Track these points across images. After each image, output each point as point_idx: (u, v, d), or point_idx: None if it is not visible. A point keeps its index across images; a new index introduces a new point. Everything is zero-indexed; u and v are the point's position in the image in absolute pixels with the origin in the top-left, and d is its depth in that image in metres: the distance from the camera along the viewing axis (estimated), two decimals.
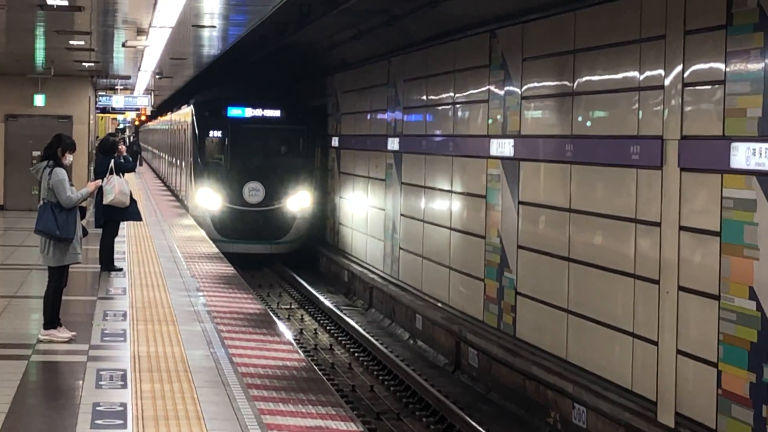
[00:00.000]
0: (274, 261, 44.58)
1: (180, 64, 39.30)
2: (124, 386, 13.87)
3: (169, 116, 67.77)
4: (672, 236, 17.03)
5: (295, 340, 24.72)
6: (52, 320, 16.80)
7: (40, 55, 34.77)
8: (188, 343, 16.75)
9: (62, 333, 16.69)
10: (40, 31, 28.03)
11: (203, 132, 44.16)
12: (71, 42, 29.90)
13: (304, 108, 46.71)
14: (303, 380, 14.61)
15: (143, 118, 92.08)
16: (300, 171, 43.82)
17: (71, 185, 16.62)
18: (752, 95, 15.19)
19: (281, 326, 18.47)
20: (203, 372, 14.85)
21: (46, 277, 16.92)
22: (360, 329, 29.89)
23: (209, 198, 42.36)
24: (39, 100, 41.95)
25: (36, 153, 33.31)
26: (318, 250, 44.75)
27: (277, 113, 44.51)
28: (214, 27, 25.40)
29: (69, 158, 17.01)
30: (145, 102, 62.82)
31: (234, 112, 43.83)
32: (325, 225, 45.17)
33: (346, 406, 13.34)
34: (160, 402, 13.11)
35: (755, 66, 15.13)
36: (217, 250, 31.56)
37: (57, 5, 22.11)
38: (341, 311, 33.51)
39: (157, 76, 46.62)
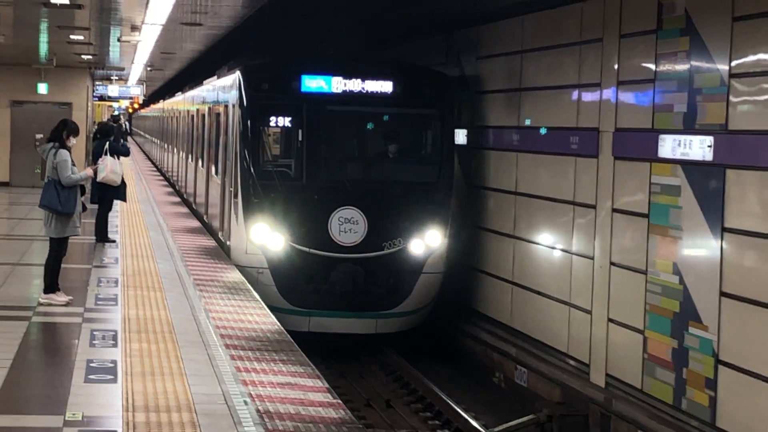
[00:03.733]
0: (378, 343, 22.39)
1: (169, 57, 39.26)
2: (115, 345, 13.87)
3: (184, 96, 43.23)
4: (606, 217, 17.14)
5: None
6: (51, 285, 16.82)
7: (43, 48, 34.68)
8: (173, 307, 16.78)
9: (60, 297, 16.72)
10: (43, 26, 28.01)
11: (259, 118, 22.31)
12: (71, 36, 29.91)
13: (434, 77, 23.21)
14: (276, 342, 14.64)
15: (136, 105, 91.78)
16: (430, 190, 22.02)
17: (73, 166, 16.68)
18: (678, 93, 15.29)
19: None
20: (186, 333, 14.88)
21: (47, 247, 16.94)
22: None
23: (270, 236, 21.33)
24: (42, 88, 41.99)
25: (39, 136, 33.08)
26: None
27: (388, 86, 22.08)
28: (201, 25, 25.42)
29: (72, 141, 17.01)
30: (137, 91, 63.12)
31: (313, 83, 21.95)
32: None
33: (312, 365, 13.37)
34: (147, 360, 13.14)
35: (681, 66, 15.24)
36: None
37: (59, 3, 22.10)
38: None
39: (149, 69, 46.48)
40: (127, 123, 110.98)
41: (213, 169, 28.06)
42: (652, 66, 15.97)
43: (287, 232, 20.98)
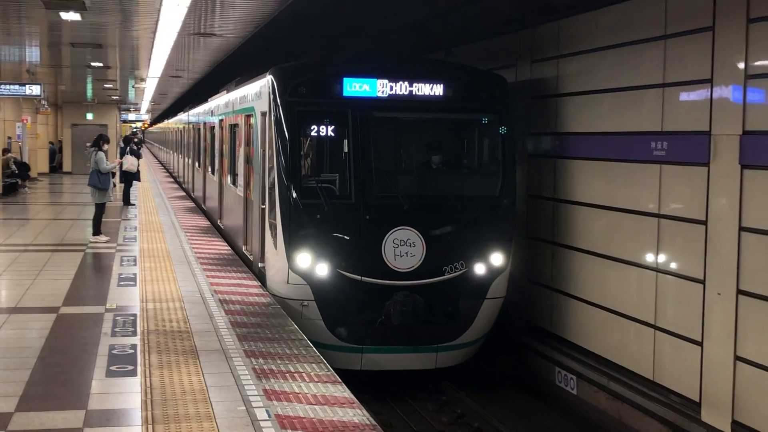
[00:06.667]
0: (435, 377, 11.95)
1: (164, 96, 38.91)
2: (135, 265, 13.83)
3: (187, 114, 30.73)
4: None
5: None
6: (97, 231, 16.76)
7: (89, 92, 34.20)
8: (169, 241, 16.67)
9: (102, 238, 16.64)
10: (89, 80, 27.74)
11: (297, 127, 11.33)
12: (105, 85, 29.62)
13: (491, 79, 12.16)
14: (231, 261, 14.62)
15: (146, 125, 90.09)
16: (493, 204, 11.60)
17: (107, 160, 16.70)
18: None
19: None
20: (176, 256, 14.81)
21: (93, 209, 16.91)
22: None
23: (315, 264, 11.06)
24: (89, 116, 41.85)
25: (88, 144, 32.65)
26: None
27: (442, 89, 11.54)
28: (181, 77, 25.22)
29: (106, 147, 17.10)
30: (146, 117, 62.63)
31: (358, 86, 11.34)
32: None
33: (251, 271, 13.41)
34: (154, 272, 13.10)
35: None
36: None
37: (97, 66, 21.98)
38: None
39: (152, 103, 45.93)
40: (141, 135, 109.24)
41: (229, 178, 17.32)
42: None
43: (335, 259, 11.06)
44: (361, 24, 16.49)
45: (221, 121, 18.82)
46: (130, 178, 24.45)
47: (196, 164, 25.08)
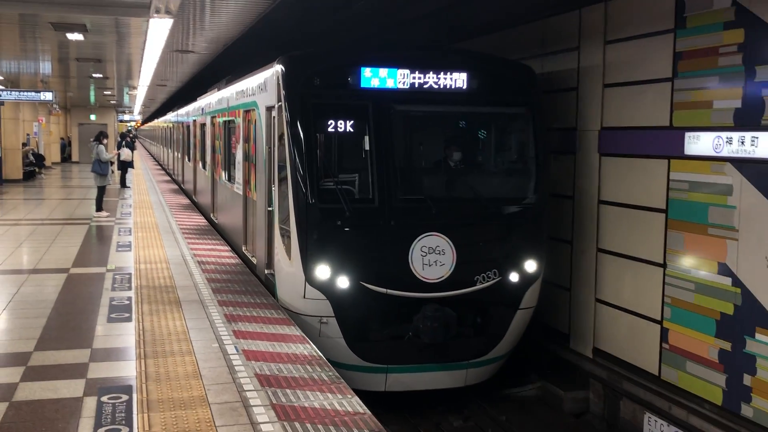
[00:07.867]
0: (463, 394, 8.12)
1: (152, 101, 38.21)
2: (130, 234, 13.59)
3: (176, 113, 25.76)
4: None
5: None
6: (99, 208, 16.46)
7: (92, 98, 33.45)
8: (157, 216, 16.37)
9: (104, 213, 16.37)
10: (92, 87, 27.10)
11: (313, 123, 7.23)
12: (105, 92, 29.00)
13: (522, 70, 8.16)
14: (206, 230, 14.49)
15: (138, 124, 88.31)
16: (527, 207, 7.94)
17: (106, 152, 16.40)
18: None
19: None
20: (163, 227, 14.58)
21: (96, 190, 16.61)
22: None
23: (335, 276, 7.30)
24: (92, 117, 41.03)
25: (91, 139, 32.04)
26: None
27: (471, 80, 7.60)
28: (166, 85, 24.75)
29: (105, 141, 16.81)
30: (139, 117, 61.62)
31: (379, 77, 7.17)
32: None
33: (223, 240, 13.29)
34: (146, 240, 12.88)
35: None
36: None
37: (97, 76, 21.54)
38: None
39: (143, 106, 45.11)
40: (135, 132, 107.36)
41: (224, 174, 13.58)
42: None
43: (357, 270, 7.67)
44: (313, 36, 16.41)
45: (213, 117, 15.09)
46: (125, 165, 24.37)
47: (186, 158, 22.98)
